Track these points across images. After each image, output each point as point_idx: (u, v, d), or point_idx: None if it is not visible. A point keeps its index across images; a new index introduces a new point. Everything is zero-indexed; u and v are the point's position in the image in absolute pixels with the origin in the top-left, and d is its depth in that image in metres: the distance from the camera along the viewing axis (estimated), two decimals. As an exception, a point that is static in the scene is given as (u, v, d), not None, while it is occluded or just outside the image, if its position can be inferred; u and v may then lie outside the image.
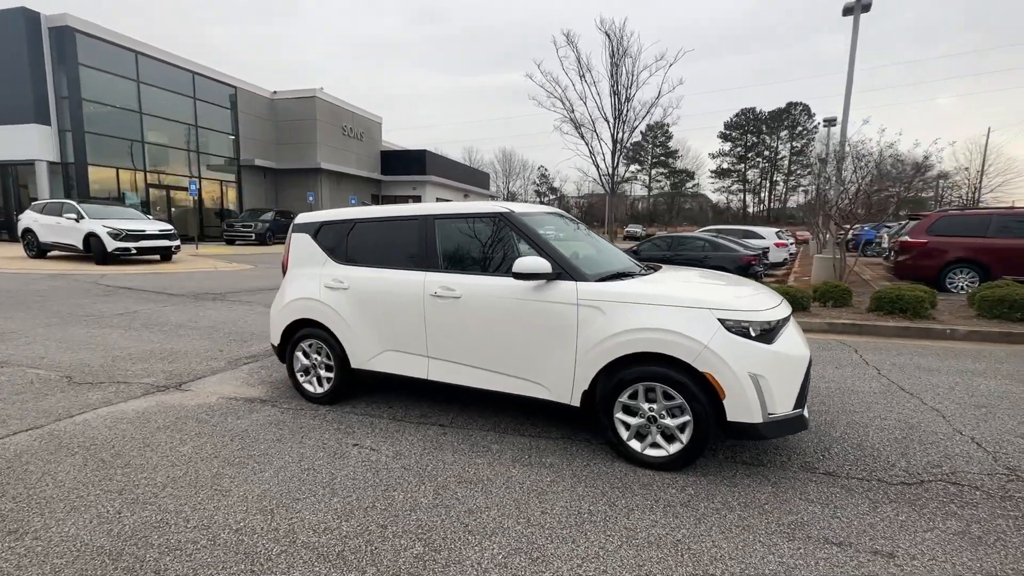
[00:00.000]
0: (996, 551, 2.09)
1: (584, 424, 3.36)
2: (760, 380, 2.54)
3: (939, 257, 9.66)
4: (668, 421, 2.72)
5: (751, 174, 74.38)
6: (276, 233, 23.21)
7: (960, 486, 2.62)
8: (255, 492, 2.56)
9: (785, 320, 2.81)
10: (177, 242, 13.86)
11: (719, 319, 2.62)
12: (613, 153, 10.24)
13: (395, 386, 4.14)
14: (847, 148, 10.31)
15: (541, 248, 3.06)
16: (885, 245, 15.09)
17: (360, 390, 4.06)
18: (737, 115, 72.71)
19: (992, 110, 77.87)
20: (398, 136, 40.63)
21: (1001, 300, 6.09)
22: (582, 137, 10.83)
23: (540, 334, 2.98)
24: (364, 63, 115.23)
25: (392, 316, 3.45)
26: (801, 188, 71.76)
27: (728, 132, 74.20)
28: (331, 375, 3.76)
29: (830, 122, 24.33)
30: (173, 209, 22.78)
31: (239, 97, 25.51)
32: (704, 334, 2.60)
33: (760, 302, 2.79)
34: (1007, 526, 2.27)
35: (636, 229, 55.26)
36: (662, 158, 78.91)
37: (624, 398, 2.81)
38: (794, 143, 69.92)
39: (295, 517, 2.34)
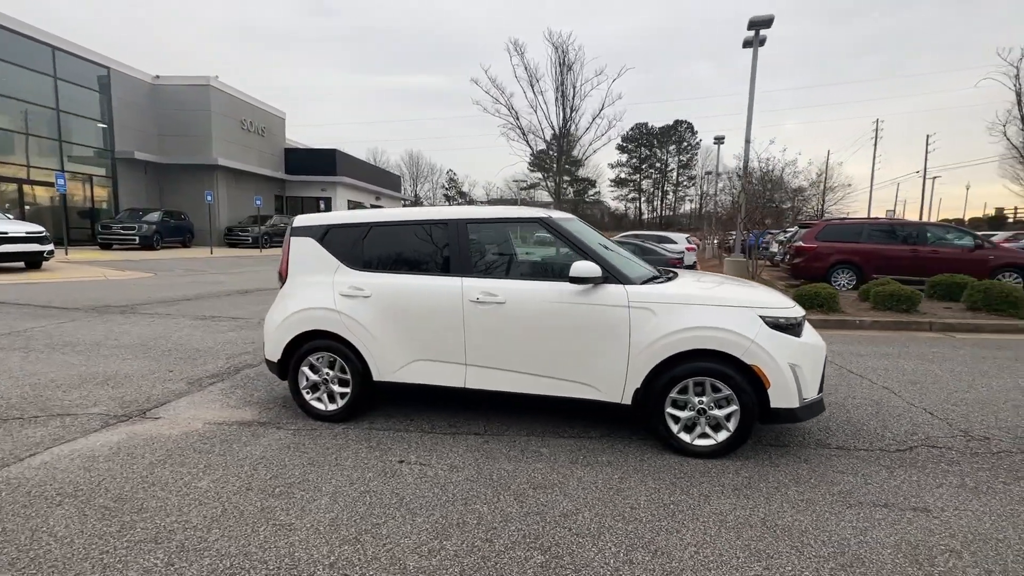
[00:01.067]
0: (994, 497, 2.58)
1: (628, 422, 3.49)
2: (796, 369, 2.87)
3: (826, 259, 11.34)
4: (717, 412, 2.95)
5: (645, 184, 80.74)
6: (165, 236, 20.62)
7: (939, 448, 3.17)
8: (324, 521, 2.32)
9: (804, 316, 3.19)
10: (50, 246, 11.70)
11: (760, 316, 2.91)
12: (559, 160, 10.57)
13: (405, 397, 3.94)
14: (754, 164, 11.71)
15: (587, 252, 3.15)
16: (773, 250, 17.41)
17: (366, 405, 3.81)
18: (632, 129, 78.47)
19: (826, 135, 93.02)
20: (297, 134, 38.04)
21: (891, 295, 7.38)
22: (527, 143, 11.02)
23: (591, 336, 3.06)
24: (255, 54, 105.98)
25: (425, 324, 3.30)
26: (688, 198, 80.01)
27: (625, 144, 79.81)
28: (346, 390, 3.49)
29: (720, 140, 27.38)
30: (27, 207, 19.14)
31: (113, 80, 22.16)
32: (751, 330, 2.87)
33: (784, 301, 3.14)
34: (989, 476, 2.80)
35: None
36: (567, 167, 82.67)
37: (674, 393, 2.99)
38: (681, 157, 77.24)
39: (388, 542, 2.17)
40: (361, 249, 3.52)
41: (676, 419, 3.01)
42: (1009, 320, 6.99)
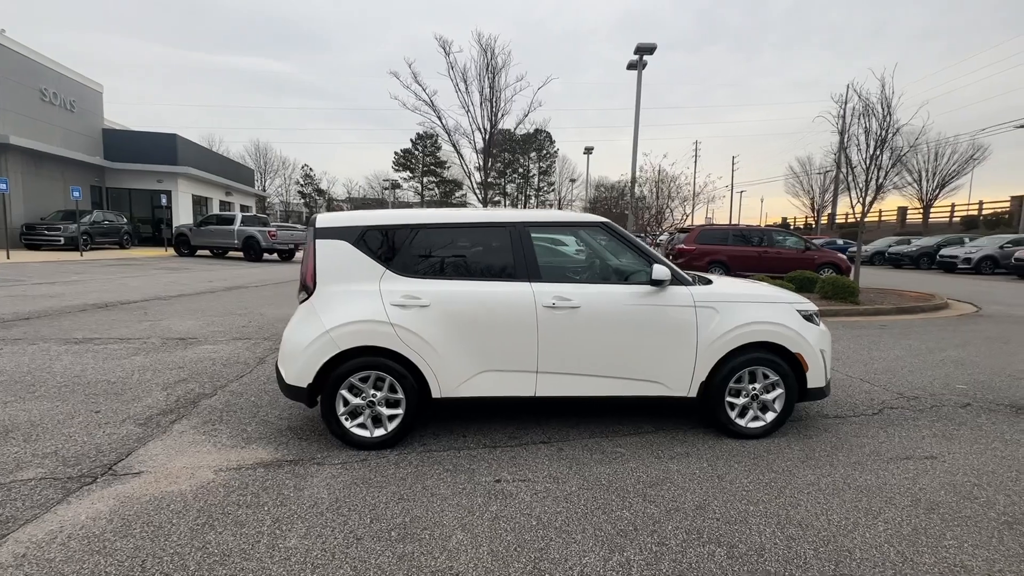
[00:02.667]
0: (962, 441, 3.37)
1: (666, 414, 3.70)
2: (824, 353, 3.39)
3: (703, 259, 13.20)
4: (766, 396, 3.33)
5: (510, 188, 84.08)
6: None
7: (895, 409, 4.00)
8: (484, 558, 2.08)
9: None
10: None
11: (797, 310, 3.37)
12: (484, 162, 10.48)
13: (426, 415, 3.64)
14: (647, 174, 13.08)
15: (650, 256, 3.29)
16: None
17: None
18: (497, 135, 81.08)
19: (663, 151, 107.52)
20: (117, 113, 31.40)
21: (774, 288, 8.95)
22: (454, 146, 10.67)
23: (662, 336, 3.21)
24: (59, 14, 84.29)
25: (494, 333, 3.10)
26: (548, 203, 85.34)
27: (489, 148, 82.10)
28: (396, 412, 3.11)
29: (589, 150, 29.87)
30: None
31: None
32: (794, 322, 3.30)
33: (800, 296, 3.66)
34: (945, 426, 3.64)
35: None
36: (432, 167, 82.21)
37: (732, 383, 3.29)
38: (541, 164, 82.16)
39: (572, 565, 2.04)
40: (409, 253, 3.17)
41: (733, 406, 3.32)
42: (850, 306, 8.99)
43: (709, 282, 3.44)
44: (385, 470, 2.86)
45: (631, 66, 14.55)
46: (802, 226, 46.59)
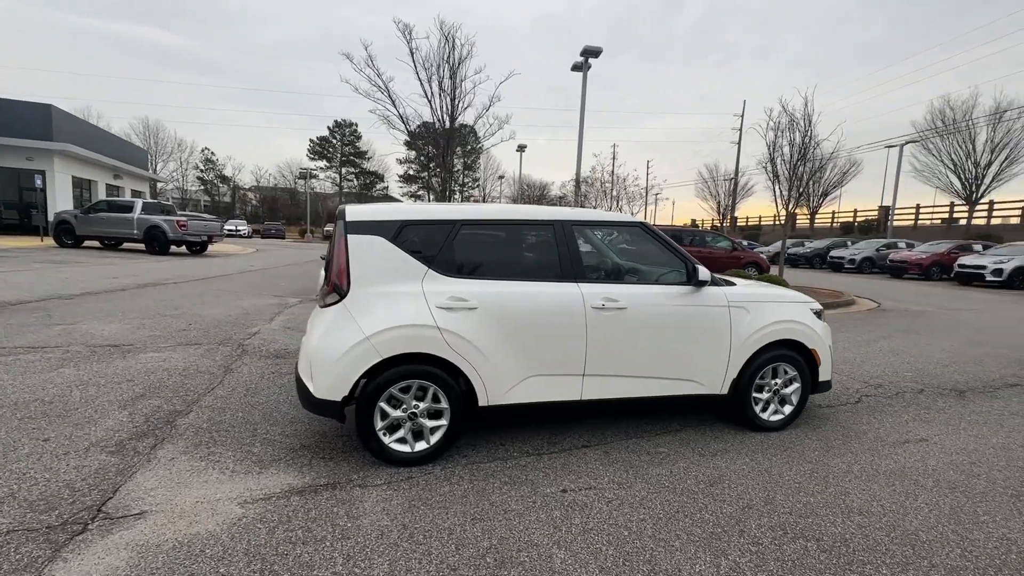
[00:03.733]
0: (941, 424, 3.81)
1: (705, 411, 3.78)
2: (830, 348, 3.65)
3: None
4: (786, 391, 3.53)
5: (435, 182, 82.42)
6: None
7: (872, 397, 4.43)
8: (596, 572, 1.97)
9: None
10: None
11: (811, 309, 3.60)
12: (443, 156, 10.00)
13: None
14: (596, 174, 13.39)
15: (685, 257, 3.33)
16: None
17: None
18: (420, 126, 78.99)
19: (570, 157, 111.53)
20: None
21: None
22: (410, 135, 9.99)
23: (700, 335, 3.27)
24: None
25: (545, 335, 2.96)
26: (472, 198, 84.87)
27: (412, 141, 79.94)
28: (439, 423, 2.87)
29: (522, 148, 30.07)
30: None
31: None
32: (810, 320, 3.53)
33: (807, 296, 3.91)
34: (920, 411, 4.08)
35: (337, 229, 53.18)
36: (351, 157, 78.42)
37: (758, 379, 3.44)
38: (466, 159, 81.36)
39: (688, 573, 1.99)
40: (452, 251, 2.93)
41: (757, 401, 3.48)
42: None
43: (732, 283, 3.56)
44: (438, 487, 2.62)
45: (576, 67, 14.84)
46: (710, 227, 50.72)
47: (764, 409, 3.51)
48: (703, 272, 3.18)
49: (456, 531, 2.24)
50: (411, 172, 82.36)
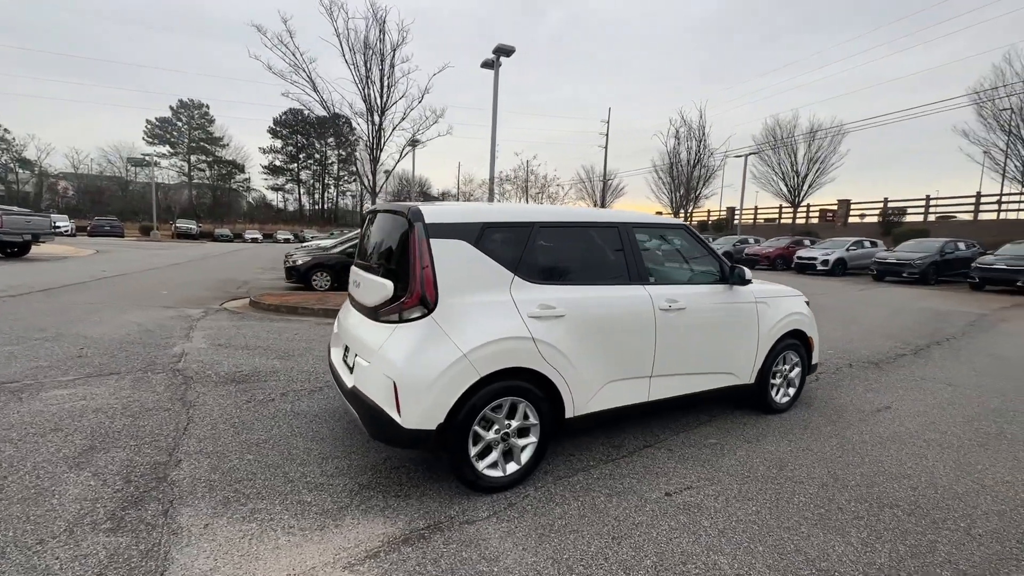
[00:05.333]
0: (890, 391, 4.56)
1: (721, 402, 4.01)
2: (817, 336, 4.17)
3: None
4: (792, 375, 3.94)
5: (304, 175, 75.94)
6: None
7: (828, 373, 5.15)
8: (765, 568, 2.00)
9: None
10: None
11: (804, 301, 4.07)
12: (373, 148, 9.07)
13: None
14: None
15: (720, 257, 3.53)
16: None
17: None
18: (286, 113, 72.14)
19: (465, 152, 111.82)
20: None
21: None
22: (334, 119, 8.78)
23: (738, 330, 3.49)
24: None
25: (622, 340, 2.91)
26: (349, 193, 79.78)
27: (278, 129, 72.76)
28: (528, 441, 2.67)
29: (416, 142, 29.12)
30: None
31: None
32: (807, 311, 3.98)
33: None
34: (864, 382, 4.85)
35: (190, 226, 46.17)
36: (202, 143, 68.67)
37: (774, 367, 3.79)
38: (340, 151, 76.03)
39: (829, 562, 2.13)
40: (534, 255, 2.73)
41: (773, 386, 3.83)
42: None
43: (749, 280, 3.86)
44: (550, 511, 2.44)
45: (486, 64, 14.73)
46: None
47: (776, 393, 3.89)
48: (747, 272, 3.41)
49: (609, 554, 2.11)
50: (277, 163, 75.05)
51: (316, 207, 76.89)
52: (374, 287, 2.71)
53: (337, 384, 2.96)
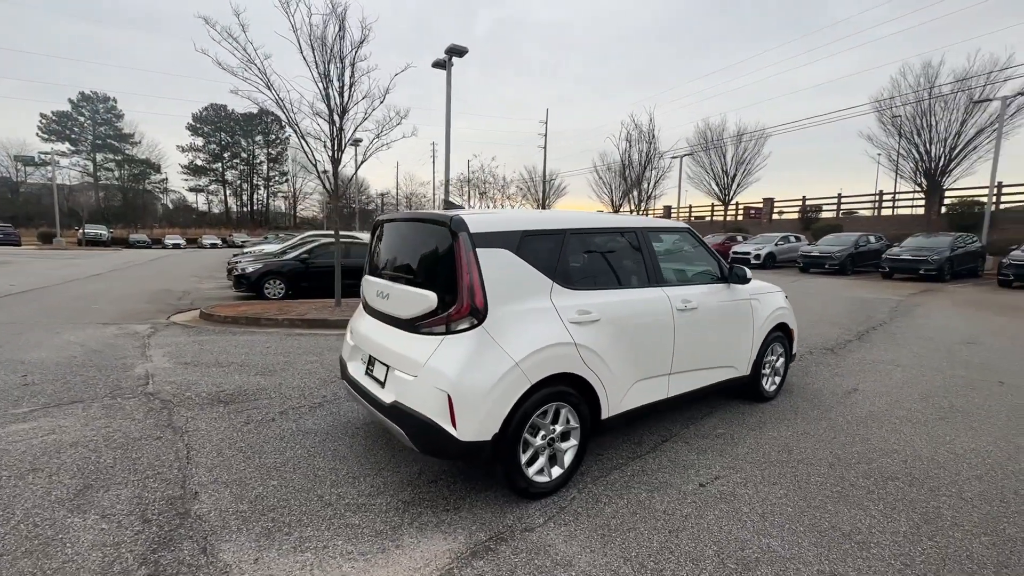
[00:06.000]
0: (853, 375, 5.03)
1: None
2: (796, 328, 4.54)
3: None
4: (778, 365, 4.26)
5: (230, 175, 71.01)
6: None
7: (808, 356, 5.59)
8: (817, 549, 2.18)
9: None
10: None
11: (784, 296, 4.41)
12: (334, 148, 8.57)
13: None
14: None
15: (719, 257, 3.75)
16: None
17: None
18: (206, 109, 67.18)
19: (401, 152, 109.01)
20: None
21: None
22: (292, 125, 8.12)
23: (738, 326, 3.73)
24: None
25: (647, 340, 3.02)
26: (280, 194, 75.49)
27: (199, 126, 67.52)
28: (570, 444, 2.71)
29: (356, 142, 28.13)
30: None
31: None
32: (788, 305, 4.31)
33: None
34: (828, 367, 5.31)
35: (100, 231, 41.84)
36: (109, 140, 62.38)
37: (765, 358, 4.09)
38: (270, 150, 71.85)
39: (896, 537, 2.35)
40: (567, 262, 2.77)
41: (764, 376, 4.12)
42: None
43: (749, 279, 4.11)
44: (600, 510, 2.51)
45: (438, 64, 14.58)
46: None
47: (766, 382, 4.19)
48: (748, 272, 3.65)
49: (673, 548, 2.21)
50: (199, 162, 69.63)
51: (244, 209, 72.15)
52: (410, 298, 2.64)
53: (363, 399, 2.85)
